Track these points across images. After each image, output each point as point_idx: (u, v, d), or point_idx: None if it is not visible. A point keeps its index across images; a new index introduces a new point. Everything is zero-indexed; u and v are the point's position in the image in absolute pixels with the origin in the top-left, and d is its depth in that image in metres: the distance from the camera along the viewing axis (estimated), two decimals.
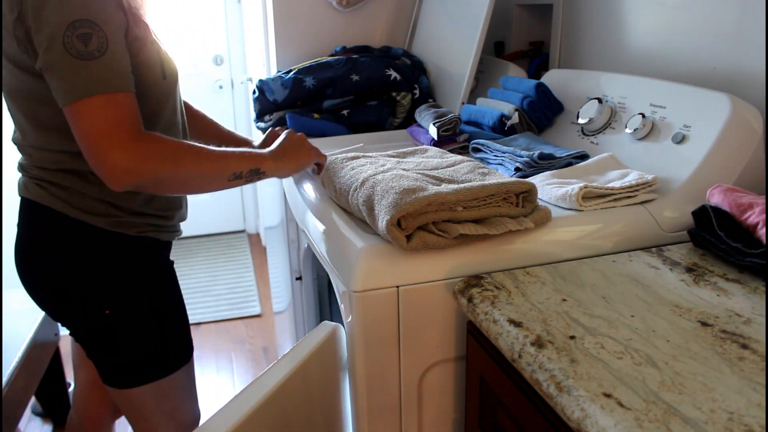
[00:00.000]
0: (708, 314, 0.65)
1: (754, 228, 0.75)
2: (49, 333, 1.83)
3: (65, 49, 0.79)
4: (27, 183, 0.97)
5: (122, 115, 0.83)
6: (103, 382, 1.04)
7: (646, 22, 1.21)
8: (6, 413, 1.45)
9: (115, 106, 0.82)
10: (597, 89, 1.15)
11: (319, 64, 1.45)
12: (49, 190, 0.94)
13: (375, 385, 0.83)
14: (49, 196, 0.94)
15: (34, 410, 2.08)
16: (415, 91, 1.47)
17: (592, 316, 0.65)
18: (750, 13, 0.98)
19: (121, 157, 0.82)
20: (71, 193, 0.94)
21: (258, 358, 2.38)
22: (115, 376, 1.02)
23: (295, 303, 1.60)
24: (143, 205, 0.98)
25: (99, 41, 0.80)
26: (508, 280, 0.75)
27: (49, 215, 0.94)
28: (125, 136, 0.82)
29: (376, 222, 0.77)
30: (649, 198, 0.89)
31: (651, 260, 0.78)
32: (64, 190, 0.93)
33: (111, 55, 0.82)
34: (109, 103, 0.82)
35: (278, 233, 1.71)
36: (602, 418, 0.50)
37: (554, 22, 1.48)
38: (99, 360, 1.02)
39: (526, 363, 0.60)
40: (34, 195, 0.95)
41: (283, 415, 0.84)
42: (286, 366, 0.84)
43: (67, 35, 0.79)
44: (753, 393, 0.52)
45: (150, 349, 1.02)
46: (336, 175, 0.92)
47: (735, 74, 1.02)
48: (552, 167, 1.00)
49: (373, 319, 0.79)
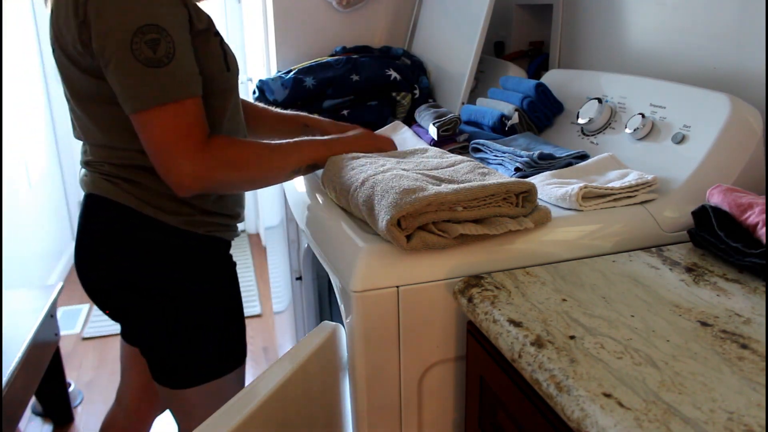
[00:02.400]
0: (708, 314, 0.65)
1: (754, 228, 0.75)
2: (49, 333, 1.83)
3: (133, 55, 0.79)
4: (95, 179, 0.95)
5: (189, 124, 0.83)
6: (155, 381, 1.03)
7: (646, 22, 1.21)
8: (6, 413, 1.45)
9: (182, 115, 0.82)
10: (597, 89, 1.15)
11: (319, 64, 1.45)
12: (121, 186, 0.93)
13: (375, 385, 0.83)
14: (119, 192, 0.93)
15: (34, 410, 2.08)
16: (415, 91, 1.47)
17: (592, 316, 0.65)
18: (750, 13, 0.98)
19: (189, 166, 0.83)
20: (143, 189, 0.93)
21: (258, 358, 2.38)
22: (170, 375, 1.01)
23: (295, 303, 1.60)
24: (214, 204, 0.98)
25: (167, 47, 0.80)
26: (508, 280, 0.75)
27: (120, 211, 0.93)
28: (192, 145, 0.83)
29: (376, 222, 0.78)
30: (649, 198, 0.89)
31: (651, 260, 0.78)
32: (136, 186, 0.93)
33: (179, 60, 0.81)
34: (176, 112, 0.82)
35: (278, 233, 1.71)
36: (602, 418, 0.50)
37: (554, 22, 1.48)
38: (154, 358, 1.01)
39: (526, 363, 0.60)
40: (103, 191, 0.94)
41: (283, 415, 0.84)
42: (286, 366, 0.84)
43: (135, 41, 0.78)
44: (753, 393, 0.52)
45: (209, 348, 1.01)
46: (336, 175, 0.92)
47: (735, 74, 1.02)
48: (552, 167, 1.00)
49: (373, 319, 0.79)
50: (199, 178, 0.84)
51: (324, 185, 0.98)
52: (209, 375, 1.01)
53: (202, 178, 0.85)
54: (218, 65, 0.91)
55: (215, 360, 1.02)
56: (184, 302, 0.97)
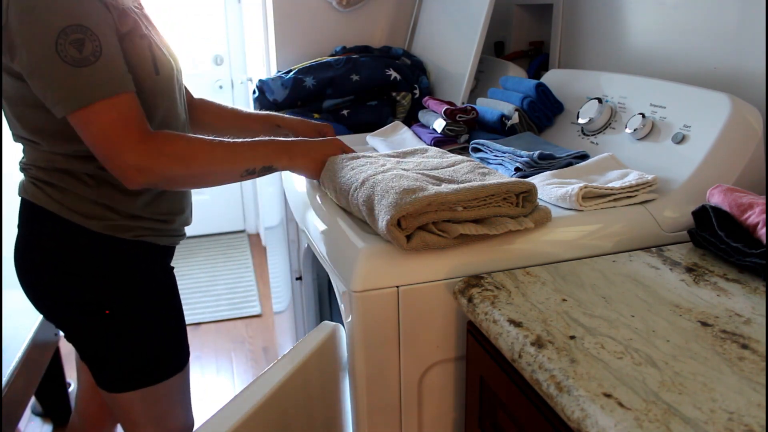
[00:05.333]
0: (708, 314, 0.65)
1: (754, 228, 0.75)
2: (49, 333, 1.83)
3: (60, 57, 0.78)
4: (25, 183, 0.96)
5: (127, 117, 0.83)
6: (96, 384, 1.03)
7: (646, 22, 1.21)
8: (6, 413, 1.45)
9: (118, 109, 0.82)
10: (597, 89, 1.15)
11: (319, 64, 1.45)
12: (45, 191, 0.93)
13: (375, 385, 0.83)
14: (45, 197, 0.93)
15: (34, 410, 2.08)
16: (415, 91, 1.47)
17: (592, 316, 0.65)
18: (750, 13, 0.98)
19: (133, 158, 0.82)
20: (66, 194, 0.93)
21: (258, 358, 2.38)
22: (106, 379, 1.01)
23: (295, 303, 1.60)
24: (142, 208, 0.97)
25: (93, 45, 0.79)
26: (508, 280, 0.75)
27: (46, 217, 0.93)
28: (133, 137, 0.83)
29: (376, 222, 0.77)
30: (649, 198, 0.89)
31: (651, 260, 0.78)
32: (60, 191, 0.93)
33: (106, 57, 0.81)
34: (112, 106, 0.81)
35: (278, 233, 1.71)
36: (602, 418, 0.50)
37: (554, 22, 1.48)
38: (91, 363, 1.01)
39: (526, 363, 0.60)
40: (31, 195, 0.95)
41: (283, 415, 0.84)
42: (286, 366, 0.84)
43: (60, 42, 0.77)
44: (753, 393, 0.52)
45: (141, 356, 1.00)
46: (336, 175, 0.92)
47: (735, 74, 1.02)
48: (552, 167, 1.00)
49: (373, 319, 0.79)
50: (143, 169, 0.83)
51: (324, 185, 0.98)
52: (144, 381, 1.01)
53: (146, 169, 0.84)
54: (145, 68, 0.89)
55: (151, 366, 1.01)
56: (113, 309, 0.96)
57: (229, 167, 0.91)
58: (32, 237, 0.96)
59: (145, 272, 1.01)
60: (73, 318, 0.98)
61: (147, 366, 1.01)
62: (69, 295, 0.96)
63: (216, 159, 0.90)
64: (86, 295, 0.95)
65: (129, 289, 0.98)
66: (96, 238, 0.94)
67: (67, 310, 0.97)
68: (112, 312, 0.97)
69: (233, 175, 0.93)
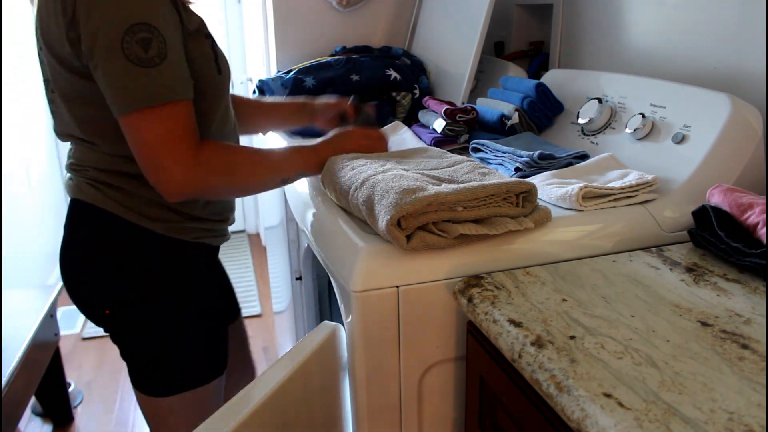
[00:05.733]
0: (708, 314, 0.65)
1: (754, 228, 0.75)
2: (49, 333, 1.83)
3: (124, 54, 0.76)
4: (80, 184, 0.93)
5: (181, 128, 0.81)
6: (133, 386, 1.01)
7: (646, 22, 1.21)
8: (6, 413, 1.45)
9: (173, 118, 0.80)
10: (597, 89, 1.15)
11: (319, 64, 1.45)
12: (106, 193, 0.90)
13: (375, 385, 0.83)
14: (104, 198, 0.90)
15: (34, 410, 2.08)
16: (415, 91, 1.47)
17: (592, 316, 0.65)
18: (750, 13, 0.98)
19: (180, 173, 0.81)
20: (128, 195, 0.90)
21: (258, 358, 2.38)
22: (147, 382, 0.99)
23: (295, 303, 1.60)
24: (201, 209, 0.96)
25: (159, 47, 0.77)
26: (508, 280, 0.75)
27: (104, 218, 0.91)
28: (183, 150, 0.81)
29: (376, 222, 0.77)
30: (649, 198, 0.89)
31: (651, 260, 0.78)
32: (121, 192, 0.90)
33: (170, 61, 0.79)
34: (167, 114, 0.79)
35: (278, 233, 1.71)
36: (602, 418, 0.50)
37: (554, 22, 1.48)
38: (134, 364, 0.99)
39: (526, 363, 0.60)
40: (88, 196, 0.91)
41: (283, 415, 0.84)
42: (286, 366, 0.84)
43: (127, 39, 0.75)
44: (753, 393, 0.52)
45: (190, 359, 0.99)
46: (336, 175, 0.92)
47: (735, 74, 1.02)
48: (552, 167, 1.00)
49: (373, 319, 0.79)
50: (189, 185, 0.82)
51: (324, 185, 0.98)
52: (187, 385, 1.00)
53: (192, 185, 0.83)
54: (209, 68, 0.88)
55: (195, 370, 1.00)
56: (166, 311, 0.95)
57: (268, 178, 0.93)
58: (89, 239, 0.93)
59: (201, 274, 1.00)
60: (126, 321, 0.96)
61: (193, 369, 1.00)
62: (127, 297, 0.94)
63: (256, 172, 0.90)
64: (143, 298, 0.94)
65: (185, 291, 0.97)
66: (159, 240, 0.93)
67: (121, 312, 0.95)
68: (166, 314, 0.95)
69: (269, 185, 0.94)
